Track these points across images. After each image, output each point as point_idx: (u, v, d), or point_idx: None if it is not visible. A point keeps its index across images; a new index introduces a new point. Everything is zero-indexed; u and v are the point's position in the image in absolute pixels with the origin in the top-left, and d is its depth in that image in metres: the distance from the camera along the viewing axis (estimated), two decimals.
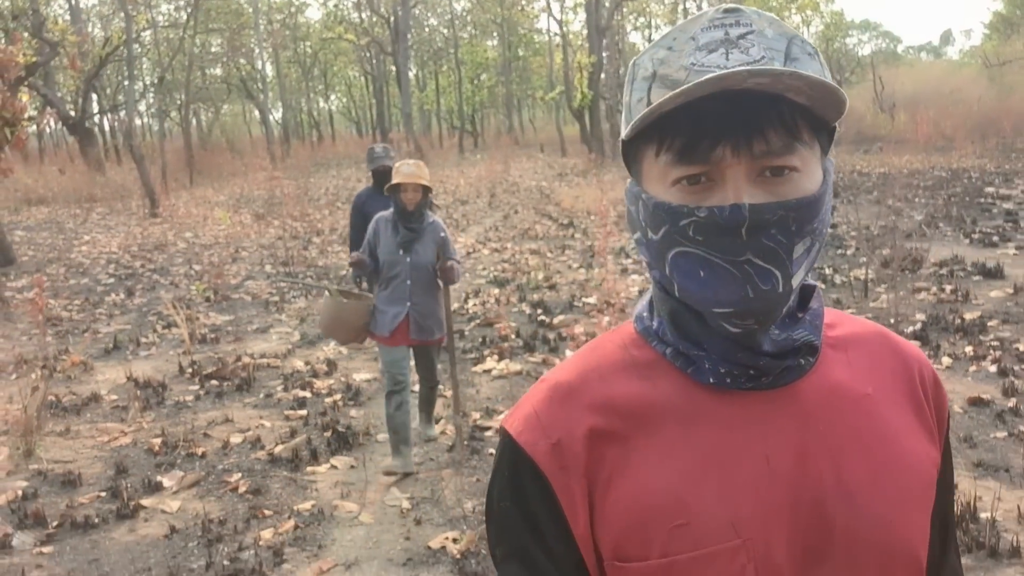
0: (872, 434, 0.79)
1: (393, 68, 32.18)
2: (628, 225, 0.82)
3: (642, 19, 40.63)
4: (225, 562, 3.41)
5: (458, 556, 3.35)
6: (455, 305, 7.75)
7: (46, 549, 3.59)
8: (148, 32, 27.96)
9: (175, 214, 16.17)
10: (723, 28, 0.71)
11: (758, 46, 0.71)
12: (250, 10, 33.78)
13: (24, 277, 10.17)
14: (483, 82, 44.52)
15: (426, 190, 4.19)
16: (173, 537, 3.65)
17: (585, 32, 24.85)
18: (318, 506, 3.90)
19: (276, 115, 46.19)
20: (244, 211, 16.37)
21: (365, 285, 5.35)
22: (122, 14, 20.51)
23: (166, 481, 4.21)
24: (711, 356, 0.76)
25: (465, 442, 4.44)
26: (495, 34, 42.60)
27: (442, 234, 4.24)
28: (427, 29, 41.00)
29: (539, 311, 7.32)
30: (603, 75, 23.43)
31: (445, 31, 40.30)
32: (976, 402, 4.70)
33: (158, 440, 4.72)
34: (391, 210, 4.23)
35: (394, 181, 4.15)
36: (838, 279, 7.92)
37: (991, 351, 5.51)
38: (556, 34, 25.03)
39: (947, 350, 5.64)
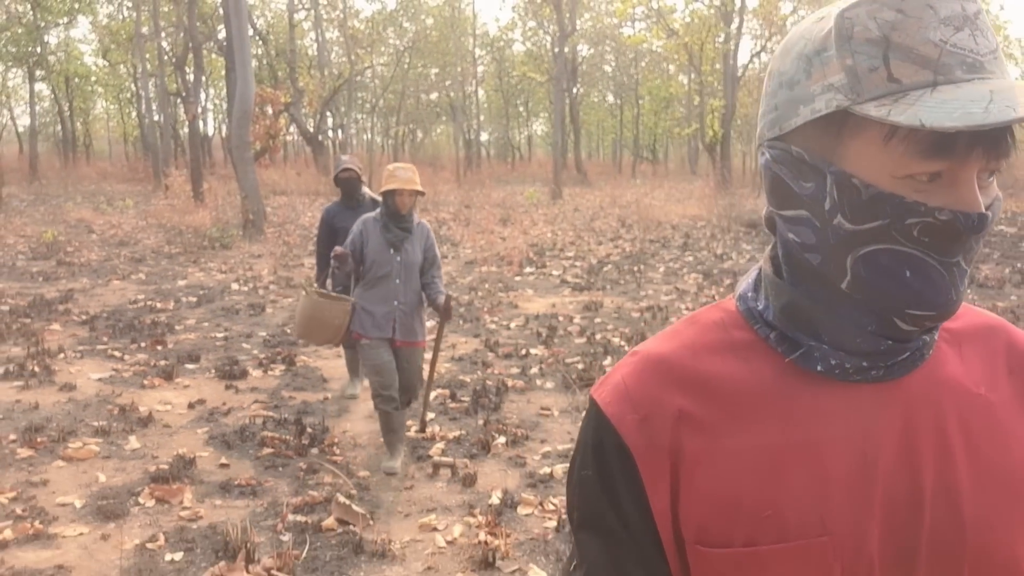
0: (981, 435, 0.80)
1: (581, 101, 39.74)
2: (776, 198, 0.80)
3: None
4: None
5: None
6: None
7: (285, 297, 10.75)
8: (369, 69, 37.18)
9: None
10: (958, 0, 0.69)
11: (989, 29, 0.70)
12: (464, 44, 42.46)
13: (271, 228, 18.12)
14: (670, 114, 50.65)
15: (419, 194, 4.57)
16: None
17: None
18: None
19: (482, 137, 55.34)
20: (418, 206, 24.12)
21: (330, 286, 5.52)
22: (353, 51, 29.39)
23: None
24: (823, 347, 0.79)
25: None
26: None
27: (429, 235, 4.69)
28: (609, 68, 47.93)
29: (534, 254, 13.87)
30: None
31: (628, 69, 46.94)
32: None
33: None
34: (377, 211, 4.63)
35: (391, 187, 4.49)
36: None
37: None
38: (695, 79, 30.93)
39: None
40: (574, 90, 38.41)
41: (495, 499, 4.39)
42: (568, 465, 0.88)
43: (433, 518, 4.18)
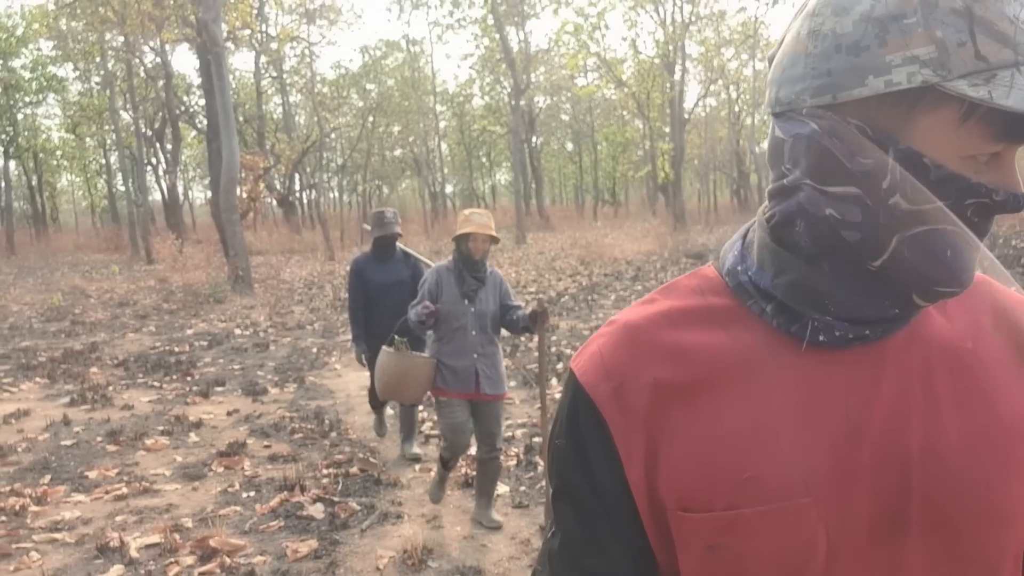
0: (970, 392, 0.79)
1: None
2: (821, 173, 0.75)
3: None
4: None
5: None
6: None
7: (283, 337, 12.45)
8: (335, 130, 39.25)
9: (344, 259, 25.90)
10: None
11: None
12: (425, 102, 44.66)
13: (256, 284, 19.82)
14: (627, 157, 53.14)
15: (494, 240, 4.46)
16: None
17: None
18: None
19: (447, 189, 57.52)
20: None
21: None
22: (320, 114, 31.41)
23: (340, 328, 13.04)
24: (826, 318, 0.78)
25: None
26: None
27: (503, 283, 4.64)
28: (566, 116, 50.44)
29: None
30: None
31: (585, 118, 49.46)
32: None
33: (324, 322, 13.58)
34: (450, 260, 4.58)
35: (466, 230, 4.40)
36: None
37: None
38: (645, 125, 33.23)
39: None
40: (533, 140, 40.66)
41: (472, 451, 6.12)
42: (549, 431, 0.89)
43: (429, 464, 5.91)
